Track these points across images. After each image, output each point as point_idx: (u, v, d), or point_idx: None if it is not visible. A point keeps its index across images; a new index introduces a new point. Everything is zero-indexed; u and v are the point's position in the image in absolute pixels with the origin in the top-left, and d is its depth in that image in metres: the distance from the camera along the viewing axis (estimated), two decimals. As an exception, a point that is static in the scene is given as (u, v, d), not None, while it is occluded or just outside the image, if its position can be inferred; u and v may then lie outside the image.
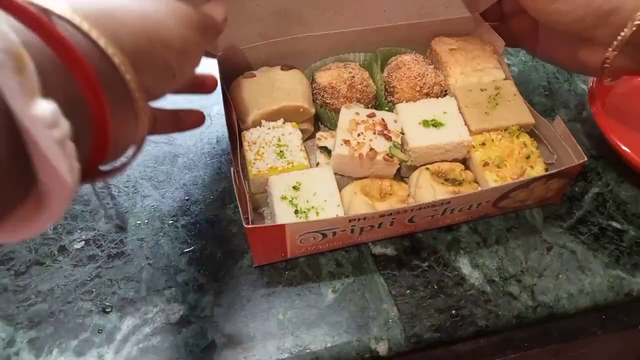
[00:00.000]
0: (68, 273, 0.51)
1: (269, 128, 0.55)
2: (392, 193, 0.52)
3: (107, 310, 0.49)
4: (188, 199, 0.57)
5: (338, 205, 0.49)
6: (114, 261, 0.52)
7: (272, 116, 0.55)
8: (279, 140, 0.54)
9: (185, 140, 0.63)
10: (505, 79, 0.61)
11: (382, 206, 0.50)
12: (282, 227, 0.45)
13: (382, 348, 0.47)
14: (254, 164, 0.52)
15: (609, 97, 0.64)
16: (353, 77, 0.58)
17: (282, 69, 0.59)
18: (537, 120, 0.57)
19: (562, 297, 0.50)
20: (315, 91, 0.59)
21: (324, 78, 0.59)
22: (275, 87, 0.57)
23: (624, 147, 0.56)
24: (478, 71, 0.61)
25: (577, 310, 0.50)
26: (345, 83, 0.57)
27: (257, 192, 0.53)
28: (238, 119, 0.56)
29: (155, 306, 0.49)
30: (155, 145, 0.63)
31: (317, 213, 0.48)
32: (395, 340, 0.47)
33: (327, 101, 0.58)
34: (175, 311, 0.48)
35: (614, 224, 0.56)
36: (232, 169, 0.49)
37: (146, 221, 0.55)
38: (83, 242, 0.53)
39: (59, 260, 0.52)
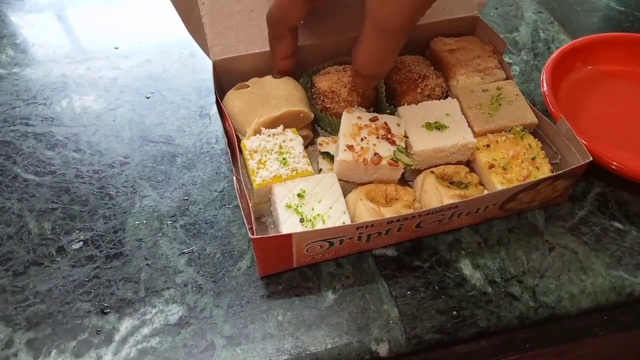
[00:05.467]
0: (66, 274, 0.51)
1: (269, 135, 0.53)
2: (397, 198, 0.52)
3: (105, 311, 0.48)
4: (187, 199, 0.57)
5: (344, 212, 0.49)
6: (112, 262, 0.52)
7: (273, 124, 0.54)
8: (281, 147, 0.53)
9: (184, 140, 0.63)
10: (507, 79, 0.61)
11: (388, 211, 0.49)
12: (288, 236, 0.45)
13: (382, 349, 0.46)
14: (257, 173, 0.51)
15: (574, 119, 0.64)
16: None
17: (274, 77, 0.58)
18: (541, 120, 0.56)
19: (563, 298, 0.50)
20: (314, 96, 0.59)
21: (323, 83, 0.58)
22: (272, 95, 0.56)
23: (615, 163, 0.56)
24: (479, 72, 0.61)
25: (578, 311, 0.50)
26: (345, 87, 0.57)
27: (261, 202, 0.52)
28: (236, 131, 0.55)
29: (154, 307, 0.48)
30: (154, 145, 0.62)
31: (324, 221, 0.48)
32: (395, 341, 0.47)
33: (328, 106, 0.57)
34: (174, 312, 0.48)
35: (616, 224, 0.55)
36: (233, 179, 0.48)
37: (145, 221, 0.55)
38: (81, 243, 0.53)
39: (57, 261, 0.52)
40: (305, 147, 0.59)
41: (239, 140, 0.54)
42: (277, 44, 0.56)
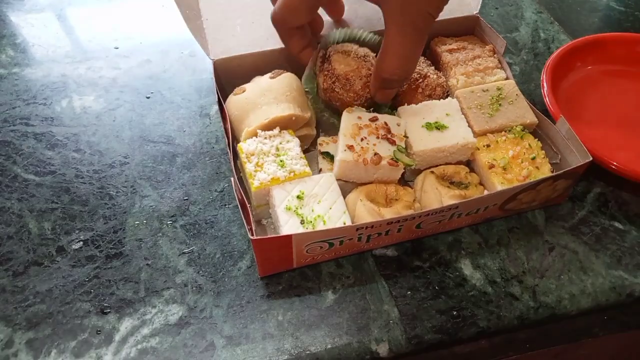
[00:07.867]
0: (66, 274, 0.51)
1: (265, 138, 0.53)
2: (397, 198, 0.52)
3: (105, 311, 0.48)
4: (187, 199, 0.57)
5: (344, 212, 0.49)
6: (112, 262, 0.52)
7: (265, 129, 0.54)
8: (277, 149, 0.52)
9: (184, 140, 0.63)
10: (507, 79, 0.61)
11: (388, 212, 0.49)
12: (288, 237, 0.45)
13: (382, 349, 0.46)
14: (254, 176, 0.50)
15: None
16: (370, 75, 0.55)
17: (271, 77, 0.57)
18: (541, 120, 0.56)
19: (563, 298, 0.50)
20: (327, 72, 0.55)
21: (342, 65, 0.55)
22: (265, 99, 0.54)
23: (615, 163, 0.56)
24: (479, 72, 0.61)
25: (578, 311, 0.50)
26: (361, 80, 0.54)
27: (260, 205, 0.52)
28: (235, 136, 0.55)
29: (154, 307, 0.48)
30: (154, 145, 0.62)
31: (324, 222, 0.48)
32: (395, 341, 0.47)
33: (336, 89, 0.55)
34: (174, 312, 0.48)
35: (616, 224, 0.55)
36: (232, 179, 0.48)
37: (145, 221, 0.55)
38: (81, 243, 0.53)
39: (57, 261, 0.52)
40: (308, 147, 0.58)
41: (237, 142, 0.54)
42: (289, 41, 0.56)
